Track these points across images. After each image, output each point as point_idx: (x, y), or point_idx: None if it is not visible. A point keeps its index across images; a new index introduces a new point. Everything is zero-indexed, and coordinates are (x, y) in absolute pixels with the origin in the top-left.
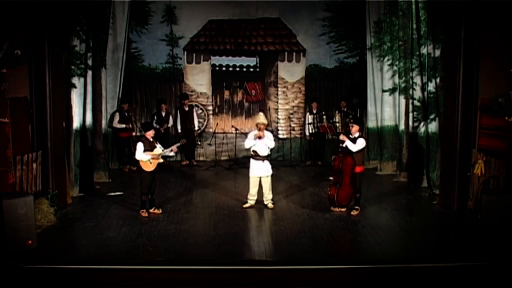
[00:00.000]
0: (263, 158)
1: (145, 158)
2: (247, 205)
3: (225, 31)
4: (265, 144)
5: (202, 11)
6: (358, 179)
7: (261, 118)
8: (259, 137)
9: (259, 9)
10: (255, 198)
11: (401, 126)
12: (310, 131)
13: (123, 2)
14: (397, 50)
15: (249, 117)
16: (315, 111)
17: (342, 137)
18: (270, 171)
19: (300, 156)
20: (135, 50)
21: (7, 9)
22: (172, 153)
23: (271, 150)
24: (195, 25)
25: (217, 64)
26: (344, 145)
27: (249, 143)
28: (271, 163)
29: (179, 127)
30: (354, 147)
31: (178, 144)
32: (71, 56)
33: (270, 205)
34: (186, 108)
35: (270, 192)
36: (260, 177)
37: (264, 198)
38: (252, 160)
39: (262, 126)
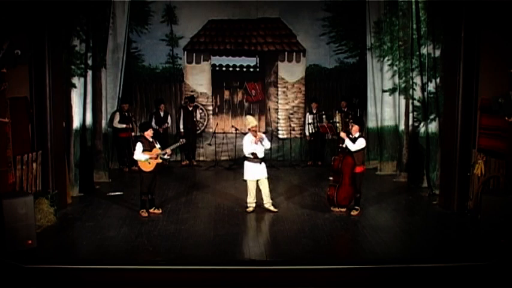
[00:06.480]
0: (260, 160)
1: (144, 158)
2: (250, 209)
3: (225, 31)
4: (262, 145)
5: (202, 11)
6: (358, 179)
7: (251, 121)
8: (259, 141)
9: (259, 9)
10: (255, 200)
11: (401, 126)
12: (310, 131)
13: (123, 2)
14: (397, 50)
15: None
16: (314, 111)
17: (342, 134)
18: (266, 173)
19: (300, 156)
20: (135, 50)
21: (7, 9)
22: (166, 156)
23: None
24: (195, 25)
25: (217, 64)
26: (344, 145)
27: (249, 148)
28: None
29: (181, 126)
30: (353, 147)
31: (173, 146)
32: (71, 56)
33: (273, 208)
34: (190, 108)
35: (269, 194)
36: (257, 180)
37: (265, 202)
38: (247, 163)
39: (255, 128)
